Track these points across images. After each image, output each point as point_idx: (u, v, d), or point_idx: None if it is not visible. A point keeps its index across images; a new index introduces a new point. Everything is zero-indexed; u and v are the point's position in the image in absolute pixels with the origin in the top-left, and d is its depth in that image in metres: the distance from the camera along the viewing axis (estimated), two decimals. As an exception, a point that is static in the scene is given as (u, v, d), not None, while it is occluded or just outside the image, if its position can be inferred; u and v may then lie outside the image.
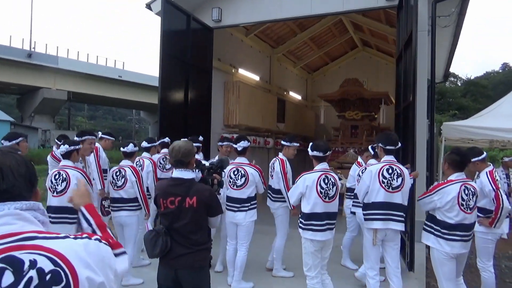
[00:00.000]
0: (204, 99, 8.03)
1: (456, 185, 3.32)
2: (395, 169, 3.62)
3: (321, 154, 3.63)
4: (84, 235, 1.14)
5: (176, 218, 2.64)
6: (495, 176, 5.11)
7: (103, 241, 1.16)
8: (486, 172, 4.01)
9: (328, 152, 3.68)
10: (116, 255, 1.23)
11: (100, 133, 5.77)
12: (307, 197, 3.56)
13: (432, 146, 6.21)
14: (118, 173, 4.49)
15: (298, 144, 4.82)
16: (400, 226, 3.63)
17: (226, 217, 4.51)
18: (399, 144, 3.76)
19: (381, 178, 3.60)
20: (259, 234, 5.21)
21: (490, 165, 4.17)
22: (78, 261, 1.03)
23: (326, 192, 3.53)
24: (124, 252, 1.31)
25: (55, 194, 3.79)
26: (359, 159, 5.47)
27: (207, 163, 3.14)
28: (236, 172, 4.42)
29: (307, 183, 3.55)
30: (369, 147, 5.18)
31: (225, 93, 9.59)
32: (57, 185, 3.77)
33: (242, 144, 4.45)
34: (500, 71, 62.00)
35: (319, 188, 3.52)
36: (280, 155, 4.78)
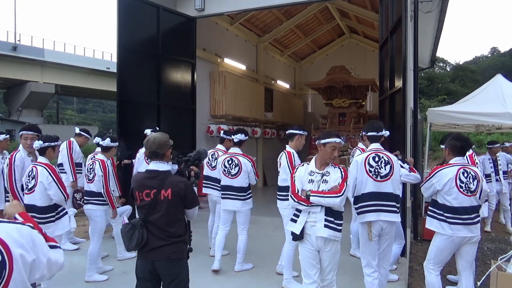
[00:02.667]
0: (186, 90, 7.96)
1: (453, 168, 3.37)
2: (382, 157, 3.48)
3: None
4: (18, 221, 1.44)
5: (152, 211, 2.64)
6: (475, 159, 5.19)
7: (36, 229, 1.40)
8: (466, 156, 4.06)
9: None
10: (50, 247, 1.46)
11: (77, 128, 5.89)
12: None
13: (415, 132, 6.24)
14: (91, 167, 4.53)
15: (306, 133, 4.39)
16: (394, 217, 3.42)
17: (222, 204, 4.76)
18: (384, 131, 3.63)
19: (367, 167, 3.45)
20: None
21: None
22: (12, 241, 1.26)
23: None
24: (58, 247, 1.53)
25: (26, 191, 3.71)
26: (361, 145, 5.16)
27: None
28: (230, 162, 4.64)
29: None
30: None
31: (211, 83, 9.52)
32: (28, 183, 3.68)
33: (239, 136, 4.72)
34: (489, 55, 62.32)
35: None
36: (287, 147, 4.30)
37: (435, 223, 3.46)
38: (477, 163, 4.08)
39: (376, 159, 3.48)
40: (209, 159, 5.47)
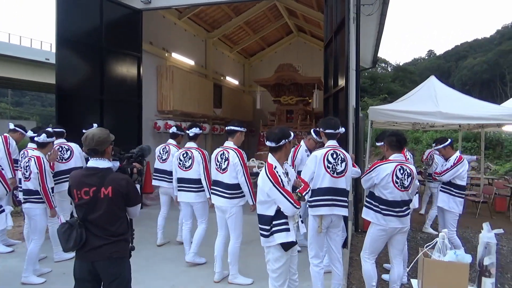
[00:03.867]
0: (132, 85, 7.72)
1: (391, 164, 3.58)
2: (339, 154, 3.65)
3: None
4: None
5: (91, 209, 2.55)
6: (406, 155, 5.54)
7: None
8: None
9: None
10: None
11: (11, 124, 5.64)
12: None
13: (357, 129, 6.54)
14: (26, 164, 4.30)
15: (245, 129, 4.36)
16: (344, 211, 3.65)
17: (178, 197, 4.83)
18: (340, 128, 3.76)
19: (326, 163, 3.59)
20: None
21: None
22: None
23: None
24: None
25: None
26: (302, 143, 5.36)
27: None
28: (185, 155, 4.74)
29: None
30: (312, 131, 5.24)
31: (158, 77, 9.31)
32: None
33: (194, 130, 4.83)
34: (426, 57, 66.69)
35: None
36: (230, 144, 4.22)
37: (371, 214, 3.70)
38: (408, 158, 4.35)
39: (334, 156, 3.63)
40: (160, 153, 5.66)
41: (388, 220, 3.57)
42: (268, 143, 3.00)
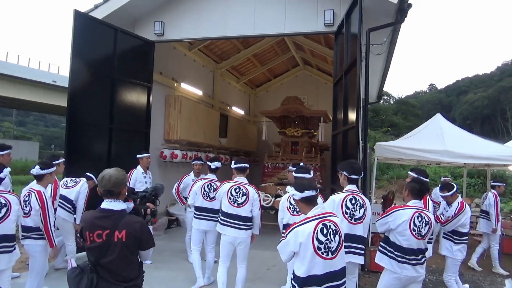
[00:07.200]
0: (141, 114, 7.77)
1: (410, 210, 3.48)
2: (358, 200, 3.58)
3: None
4: None
5: (103, 253, 2.48)
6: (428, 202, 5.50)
7: None
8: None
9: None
10: None
11: None
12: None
13: (365, 166, 6.51)
14: (26, 198, 4.06)
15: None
16: (361, 260, 3.57)
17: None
18: (363, 173, 3.74)
19: (344, 208, 3.52)
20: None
21: None
22: None
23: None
24: None
25: None
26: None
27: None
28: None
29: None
30: (290, 166, 5.32)
31: (166, 107, 9.37)
32: None
33: (216, 164, 5.23)
34: (427, 91, 67.58)
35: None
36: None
37: (385, 260, 3.59)
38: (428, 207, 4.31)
39: (353, 201, 3.57)
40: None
41: (403, 267, 3.47)
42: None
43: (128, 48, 7.34)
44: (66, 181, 5.38)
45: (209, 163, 5.32)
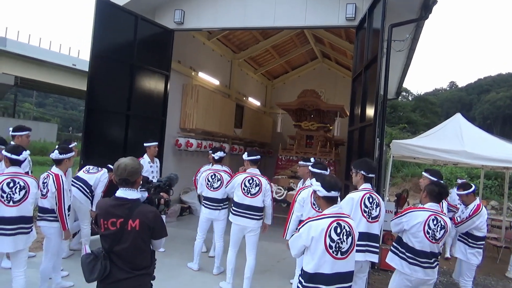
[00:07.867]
0: (158, 102, 7.82)
1: (425, 212, 3.44)
2: (375, 199, 3.56)
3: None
4: None
5: (117, 241, 2.52)
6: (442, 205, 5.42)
7: None
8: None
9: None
10: None
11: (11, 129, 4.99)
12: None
13: (380, 164, 6.43)
14: (44, 181, 4.15)
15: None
16: (376, 258, 3.55)
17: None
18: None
19: (363, 207, 3.50)
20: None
21: None
22: None
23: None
24: None
25: (10, 203, 3.55)
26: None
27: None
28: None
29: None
30: (301, 161, 5.03)
31: (183, 96, 9.41)
32: (13, 194, 3.56)
33: (219, 154, 5.41)
34: (448, 88, 66.11)
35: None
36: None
37: (396, 260, 3.57)
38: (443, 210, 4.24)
39: (370, 200, 3.55)
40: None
41: (413, 269, 3.43)
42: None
43: (148, 35, 7.37)
44: (89, 168, 5.51)
45: (212, 154, 5.49)
